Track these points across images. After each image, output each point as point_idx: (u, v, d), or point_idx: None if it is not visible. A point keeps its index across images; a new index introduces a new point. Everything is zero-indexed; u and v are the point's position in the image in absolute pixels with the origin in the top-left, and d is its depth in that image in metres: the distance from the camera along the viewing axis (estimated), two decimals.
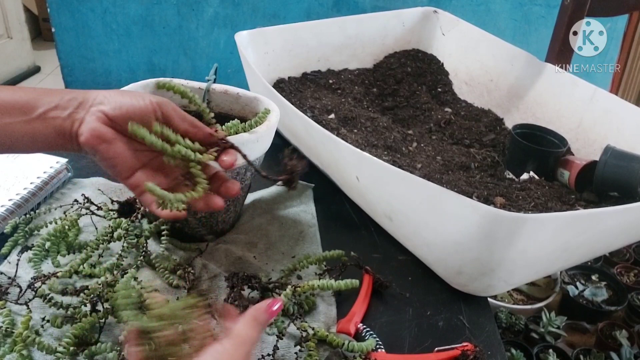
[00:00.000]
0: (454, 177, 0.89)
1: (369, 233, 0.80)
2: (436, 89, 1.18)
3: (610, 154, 0.84)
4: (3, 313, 0.60)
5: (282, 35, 1.11)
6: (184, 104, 0.80)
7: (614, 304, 1.37)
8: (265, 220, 0.80)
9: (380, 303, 0.68)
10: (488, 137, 1.03)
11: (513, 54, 1.10)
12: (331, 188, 0.88)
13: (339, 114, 1.00)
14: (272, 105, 0.74)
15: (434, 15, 1.24)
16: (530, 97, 1.07)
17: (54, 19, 1.94)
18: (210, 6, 1.90)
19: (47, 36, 3.21)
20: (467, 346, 0.60)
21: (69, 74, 2.04)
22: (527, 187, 0.87)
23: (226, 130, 0.68)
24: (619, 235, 0.72)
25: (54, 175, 0.81)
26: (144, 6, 1.90)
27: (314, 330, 0.59)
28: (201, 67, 2.00)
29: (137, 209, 0.74)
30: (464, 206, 0.61)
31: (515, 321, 1.29)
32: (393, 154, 0.93)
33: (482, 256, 0.64)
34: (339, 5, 1.89)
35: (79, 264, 0.66)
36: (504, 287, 0.72)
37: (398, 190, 0.71)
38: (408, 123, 1.09)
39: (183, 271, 0.67)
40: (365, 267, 0.70)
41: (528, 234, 0.60)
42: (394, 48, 1.24)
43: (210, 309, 0.64)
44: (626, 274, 1.48)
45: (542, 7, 1.86)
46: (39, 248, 0.68)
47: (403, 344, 0.63)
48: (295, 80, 1.13)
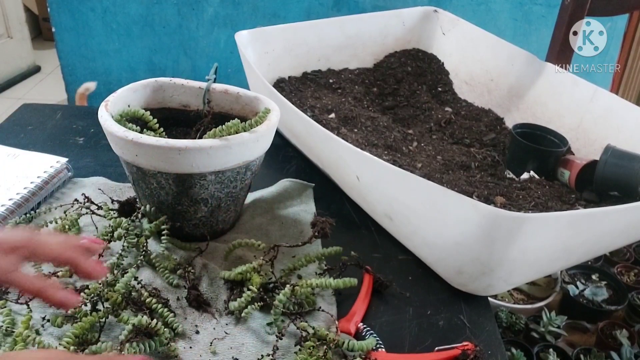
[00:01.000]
0: (454, 176, 0.89)
1: (369, 233, 0.80)
2: (436, 88, 1.18)
3: (611, 153, 0.84)
4: (3, 312, 0.60)
5: (282, 35, 1.11)
6: (183, 104, 0.80)
7: (614, 304, 1.37)
8: (266, 219, 0.80)
9: (380, 302, 0.68)
10: (488, 136, 1.03)
11: (513, 53, 1.10)
12: (331, 188, 0.88)
13: (339, 113, 1.00)
14: (272, 104, 0.74)
15: (434, 14, 1.24)
16: (531, 97, 1.07)
17: (54, 19, 1.94)
18: (211, 6, 1.90)
19: (48, 36, 3.21)
20: (468, 346, 0.60)
21: (69, 73, 2.05)
22: (527, 187, 0.87)
23: (226, 130, 0.68)
24: (619, 234, 0.72)
25: (54, 174, 0.81)
26: (144, 6, 1.90)
27: (314, 329, 0.59)
28: (201, 67, 2.00)
29: (138, 209, 0.74)
30: (465, 206, 0.61)
31: (516, 320, 1.29)
32: (393, 153, 0.93)
33: (483, 256, 0.64)
34: (339, 5, 1.90)
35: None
36: (504, 286, 0.72)
37: (398, 190, 0.71)
38: (408, 122, 1.09)
39: (183, 271, 0.67)
40: (365, 266, 0.70)
41: (528, 233, 0.60)
42: (394, 47, 1.24)
43: (211, 309, 0.64)
44: (626, 273, 1.48)
45: (542, 6, 1.86)
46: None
47: (403, 344, 0.63)
48: (295, 80, 1.13)
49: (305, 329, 0.59)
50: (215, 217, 0.73)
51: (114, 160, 0.80)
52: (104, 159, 0.91)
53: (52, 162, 0.83)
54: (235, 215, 0.77)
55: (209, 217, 0.72)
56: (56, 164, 0.83)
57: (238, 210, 0.77)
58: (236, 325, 0.63)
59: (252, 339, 0.61)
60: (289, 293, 0.62)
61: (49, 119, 1.04)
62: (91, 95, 1.72)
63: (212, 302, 0.65)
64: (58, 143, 0.96)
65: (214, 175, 0.68)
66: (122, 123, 0.69)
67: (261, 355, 0.58)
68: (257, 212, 0.81)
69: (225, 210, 0.73)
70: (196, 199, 0.69)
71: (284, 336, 0.59)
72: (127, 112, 0.73)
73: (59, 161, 0.83)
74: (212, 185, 0.69)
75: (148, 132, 0.73)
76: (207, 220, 0.73)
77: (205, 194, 0.69)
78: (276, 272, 0.68)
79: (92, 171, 0.87)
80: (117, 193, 0.82)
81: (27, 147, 0.88)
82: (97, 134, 0.98)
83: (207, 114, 0.77)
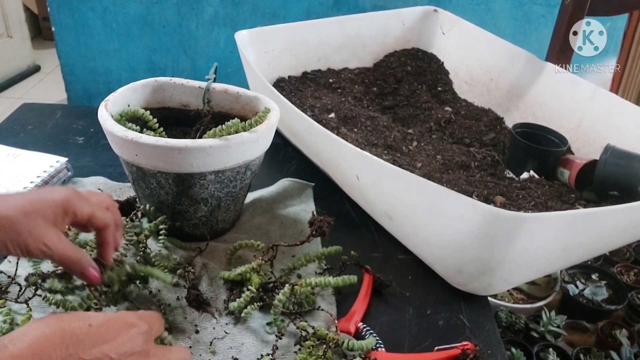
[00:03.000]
0: (454, 176, 0.89)
1: (369, 232, 0.80)
2: (436, 88, 1.18)
3: (611, 153, 0.84)
4: (3, 312, 0.60)
5: (282, 35, 1.11)
6: (183, 104, 0.80)
7: (614, 303, 1.37)
8: (266, 219, 0.80)
9: (380, 302, 0.68)
10: (488, 136, 1.03)
11: (513, 53, 1.10)
12: (331, 187, 0.88)
13: (339, 113, 1.00)
14: (272, 104, 0.74)
15: (434, 14, 1.24)
16: (531, 97, 1.07)
17: (54, 18, 1.94)
18: (210, 5, 1.90)
19: (47, 35, 3.20)
20: (467, 345, 0.60)
21: (69, 73, 2.04)
22: (527, 186, 0.87)
23: (226, 129, 0.68)
24: (619, 234, 0.72)
25: (54, 174, 0.81)
26: (144, 5, 1.90)
27: (314, 329, 0.59)
28: (201, 66, 2.00)
29: (137, 208, 0.74)
30: (464, 205, 0.61)
31: (516, 320, 1.29)
32: (393, 153, 0.93)
33: (482, 255, 0.64)
34: (339, 5, 1.89)
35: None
36: (504, 286, 0.72)
37: (398, 190, 0.71)
38: (408, 122, 1.09)
39: (183, 270, 0.67)
40: (365, 266, 0.70)
41: (528, 233, 0.60)
42: (394, 47, 1.24)
43: (210, 308, 0.64)
44: (626, 273, 1.48)
45: (542, 6, 1.86)
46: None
47: (403, 343, 0.63)
48: (295, 80, 1.13)
49: (305, 328, 0.59)
50: (215, 217, 0.73)
51: (113, 160, 0.80)
52: (104, 159, 0.91)
53: (52, 162, 0.83)
54: (235, 214, 0.77)
55: (208, 216, 0.72)
56: (56, 163, 0.83)
57: (238, 209, 0.77)
58: (236, 325, 0.63)
59: (251, 339, 0.61)
60: (288, 292, 0.62)
61: (49, 119, 1.04)
62: (91, 95, 1.72)
63: (212, 302, 0.65)
64: (58, 143, 0.96)
65: (214, 174, 0.68)
66: (122, 123, 0.69)
67: (261, 355, 0.58)
68: (257, 211, 0.81)
69: (225, 209, 0.73)
70: (196, 198, 0.69)
71: (284, 336, 0.59)
72: (127, 111, 0.73)
73: (59, 161, 0.83)
74: (212, 185, 0.69)
75: (148, 132, 0.73)
76: (207, 220, 0.73)
77: (205, 193, 0.69)
78: (276, 272, 0.68)
79: (91, 171, 0.87)
80: (117, 193, 0.82)
81: (27, 147, 0.88)
82: (97, 134, 0.98)
83: (207, 113, 0.77)
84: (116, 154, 0.70)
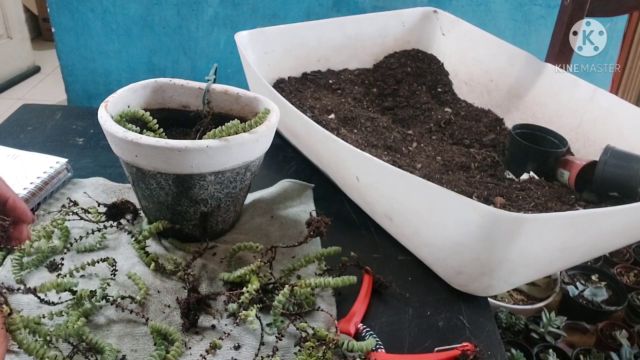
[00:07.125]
0: (454, 177, 0.89)
1: (369, 233, 0.80)
2: (436, 89, 1.18)
3: (610, 154, 0.84)
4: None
5: (282, 36, 1.11)
6: (183, 104, 0.80)
7: (613, 304, 1.37)
8: (265, 220, 0.80)
9: (380, 303, 0.68)
10: (488, 137, 1.03)
11: (513, 54, 1.10)
12: (331, 188, 0.88)
13: (339, 114, 1.00)
14: (272, 105, 0.74)
15: (433, 15, 1.24)
16: (530, 97, 1.07)
17: (54, 19, 1.94)
18: (210, 6, 1.90)
19: (47, 36, 3.21)
20: (467, 346, 0.60)
21: (68, 74, 2.04)
22: (527, 187, 0.87)
23: (226, 130, 0.68)
24: (619, 235, 0.72)
25: (54, 175, 0.81)
26: (143, 6, 1.90)
27: (314, 330, 0.59)
28: (201, 67, 2.00)
29: (128, 211, 0.73)
30: (464, 206, 0.61)
31: (515, 321, 1.29)
32: (393, 154, 0.93)
33: (482, 256, 0.64)
34: (338, 5, 1.89)
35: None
36: (504, 287, 0.72)
37: (398, 190, 0.71)
38: (408, 123, 1.09)
39: (183, 271, 0.67)
40: (365, 267, 0.70)
41: (528, 234, 0.60)
42: (394, 48, 1.24)
43: (210, 309, 0.64)
44: (626, 274, 1.48)
45: (542, 7, 1.86)
46: (20, 254, 0.67)
47: (403, 344, 0.63)
48: (295, 81, 1.13)
49: (304, 329, 0.59)
50: (214, 218, 0.73)
51: (113, 161, 0.80)
52: (104, 160, 0.91)
53: (52, 163, 0.83)
54: (234, 215, 0.77)
55: (208, 217, 0.72)
56: (56, 164, 0.83)
57: (238, 210, 0.77)
58: (235, 326, 0.62)
59: (251, 340, 0.61)
60: (288, 293, 0.62)
61: (49, 120, 1.04)
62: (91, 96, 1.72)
63: (212, 303, 0.65)
64: (58, 143, 0.96)
65: (214, 175, 0.68)
66: (122, 124, 0.69)
67: (261, 356, 0.58)
68: (257, 212, 0.81)
69: (225, 210, 0.73)
70: (196, 199, 0.69)
71: (284, 337, 0.59)
72: (127, 112, 0.73)
73: (59, 162, 0.83)
74: (211, 186, 0.69)
75: (148, 133, 0.73)
76: (206, 220, 0.73)
77: (204, 194, 0.69)
78: (276, 273, 0.68)
79: (91, 172, 0.87)
80: (116, 194, 0.82)
81: (27, 148, 0.88)
82: (97, 135, 0.98)
83: (207, 114, 0.77)
84: (116, 155, 0.70)
